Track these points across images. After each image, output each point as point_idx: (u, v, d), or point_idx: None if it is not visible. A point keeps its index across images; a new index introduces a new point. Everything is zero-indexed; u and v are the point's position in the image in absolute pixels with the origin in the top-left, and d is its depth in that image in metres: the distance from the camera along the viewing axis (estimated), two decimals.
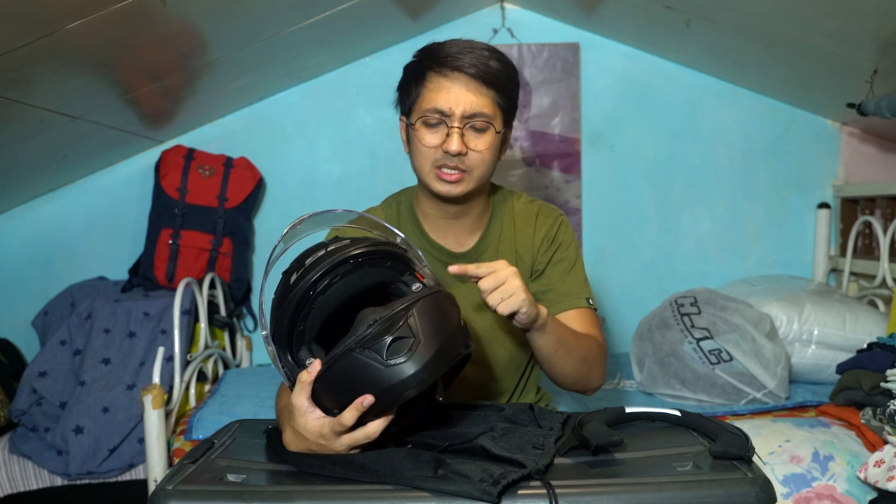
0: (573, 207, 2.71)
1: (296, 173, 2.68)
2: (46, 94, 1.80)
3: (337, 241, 1.02)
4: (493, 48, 1.25)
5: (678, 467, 0.91)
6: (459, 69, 1.21)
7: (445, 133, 1.23)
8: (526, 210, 1.39)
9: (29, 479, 2.07)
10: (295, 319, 0.97)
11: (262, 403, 1.96)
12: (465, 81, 1.22)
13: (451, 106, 1.21)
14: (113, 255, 2.61)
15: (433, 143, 1.23)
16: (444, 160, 1.23)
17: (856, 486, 1.56)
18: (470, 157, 1.24)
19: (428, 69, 1.24)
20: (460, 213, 1.33)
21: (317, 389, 0.95)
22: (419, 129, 1.24)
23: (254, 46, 2.12)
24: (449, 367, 0.95)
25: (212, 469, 0.95)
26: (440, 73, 1.23)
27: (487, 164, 1.26)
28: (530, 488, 0.87)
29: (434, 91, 1.23)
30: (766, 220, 2.75)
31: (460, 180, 1.24)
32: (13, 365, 2.42)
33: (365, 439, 0.95)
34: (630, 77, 2.70)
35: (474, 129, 1.23)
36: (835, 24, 1.91)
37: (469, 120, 1.22)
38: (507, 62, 1.26)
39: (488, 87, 1.23)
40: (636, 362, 2.15)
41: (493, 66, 1.23)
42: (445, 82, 1.22)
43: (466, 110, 1.22)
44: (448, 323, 0.97)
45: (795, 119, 2.72)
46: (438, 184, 1.25)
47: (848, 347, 2.09)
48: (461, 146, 1.22)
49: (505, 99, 1.26)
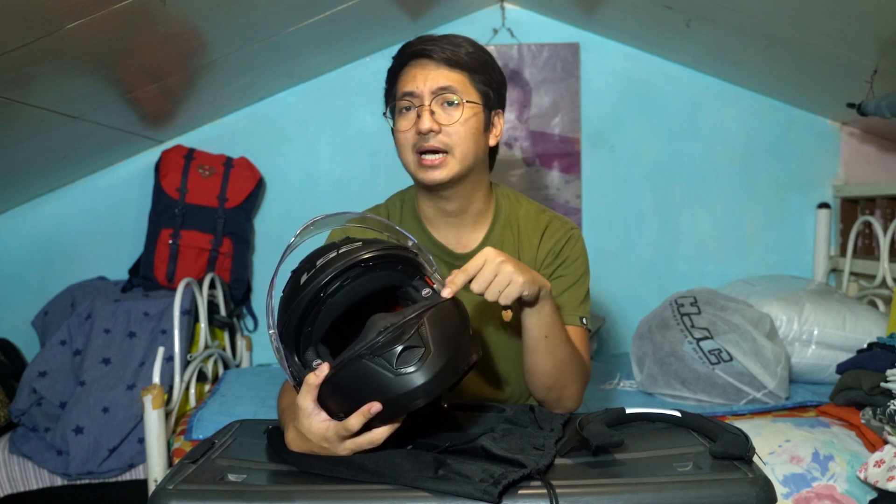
0: (573, 207, 2.71)
1: (296, 173, 2.68)
2: (46, 94, 1.80)
3: (349, 242, 1.01)
4: (469, 39, 1.27)
5: (678, 467, 0.91)
6: (426, 55, 1.23)
7: (417, 115, 1.22)
8: (535, 219, 1.36)
9: (29, 479, 2.07)
10: (303, 320, 0.97)
11: (262, 403, 1.96)
12: (432, 65, 1.23)
13: (417, 85, 1.22)
14: (113, 255, 2.60)
15: (406, 127, 1.23)
16: (421, 142, 1.21)
17: (856, 486, 1.56)
18: (445, 133, 1.21)
19: (401, 65, 1.26)
20: (458, 211, 1.31)
21: (323, 393, 0.95)
22: (396, 120, 1.25)
23: (254, 46, 2.12)
24: (458, 377, 0.96)
25: (212, 469, 0.95)
26: (409, 63, 1.25)
27: (467, 142, 1.23)
28: (531, 488, 0.87)
29: (404, 79, 1.24)
30: (766, 220, 2.75)
31: (443, 163, 1.22)
32: (13, 365, 2.42)
33: (369, 445, 0.95)
34: (630, 77, 2.70)
35: (446, 104, 1.22)
36: (835, 24, 1.91)
37: (438, 95, 1.21)
38: (480, 48, 1.27)
39: (455, 68, 1.23)
40: (636, 362, 2.15)
41: (463, 51, 1.24)
42: (413, 70, 1.24)
43: (433, 87, 1.21)
44: (458, 332, 0.97)
45: (795, 119, 2.72)
46: (423, 171, 1.23)
47: (848, 347, 2.09)
48: (432, 122, 1.20)
49: (480, 80, 1.25)
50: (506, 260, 1.08)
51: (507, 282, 1.07)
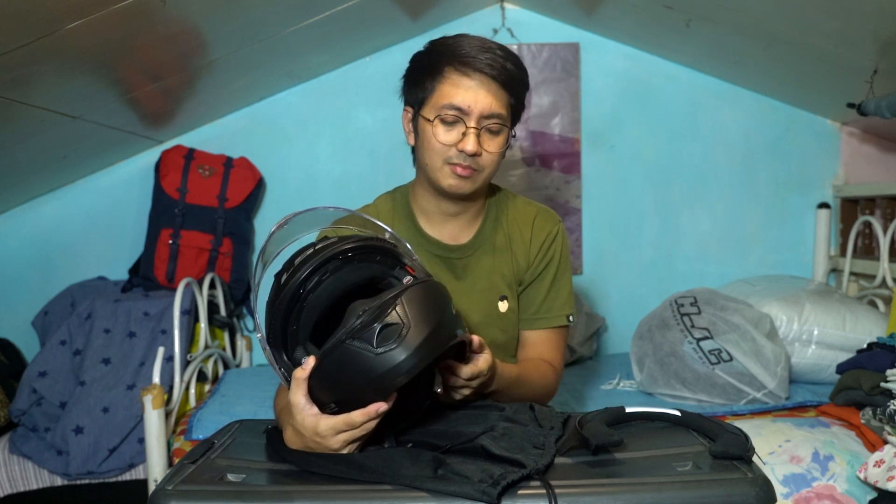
0: (573, 207, 2.71)
1: (296, 173, 2.68)
2: (46, 94, 1.80)
3: (326, 240, 1.03)
4: (506, 48, 1.27)
5: (678, 467, 0.91)
6: (479, 69, 1.22)
7: (461, 132, 1.23)
8: (524, 212, 1.40)
9: (29, 479, 2.07)
10: (287, 319, 0.98)
11: (262, 403, 1.96)
12: (484, 82, 1.23)
13: (469, 104, 1.22)
14: (113, 255, 2.60)
15: (449, 141, 1.24)
16: (459, 159, 1.24)
17: (856, 486, 1.56)
18: (483, 157, 1.25)
19: (446, 65, 1.24)
20: (460, 211, 1.35)
21: (312, 386, 0.95)
22: (436, 126, 1.25)
23: (254, 46, 2.12)
24: (441, 351, 0.95)
25: (212, 469, 0.95)
26: (459, 71, 1.23)
27: (496, 166, 1.29)
28: (530, 488, 0.87)
29: (453, 87, 1.23)
30: (766, 220, 2.75)
31: (470, 177, 1.26)
32: (13, 365, 2.42)
33: (346, 426, 0.93)
34: (630, 77, 2.70)
35: (489, 131, 1.25)
36: (835, 24, 1.91)
37: (486, 121, 1.24)
38: (520, 65, 1.28)
39: (504, 90, 1.25)
40: (636, 362, 2.15)
41: (510, 68, 1.25)
42: (465, 80, 1.23)
43: (485, 111, 1.23)
44: (438, 309, 0.97)
45: (795, 119, 2.72)
46: (451, 178, 1.26)
47: (848, 347, 2.09)
48: (477, 147, 1.23)
49: (516, 101, 1.28)
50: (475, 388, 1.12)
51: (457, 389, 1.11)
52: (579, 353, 2.51)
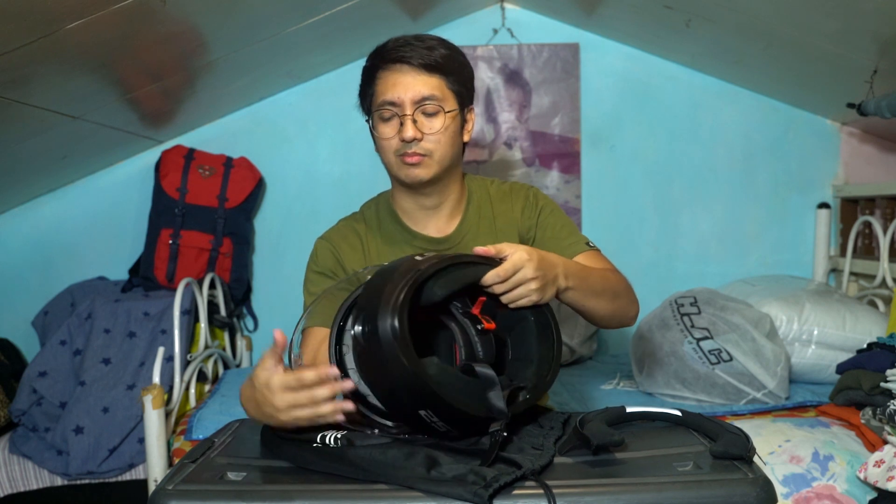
0: (573, 207, 2.71)
1: (296, 173, 2.68)
2: (46, 94, 1.80)
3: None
4: (432, 36, 1.31)
5: (679, 467, 0.91)
6: (401, 61, 1.28)
7: (399, 123, 1.28)
8: (500, 191, 1.44)
9: (29, 479, 2.07)
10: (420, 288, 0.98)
11: None
12: (409, 71, 1.28)
13: (399, 96, 1.27)
14: (113, 255, 2.60)
15: (390, 135, 1.29)
16: (405, 148, 1.28)
17: (856, 486, 1.56)
18: (426, 141, 1.28)
19: (377, 68, 1.31)
20: (436, 203, 1.37)
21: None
22: (377, 125, 1.31)
23: (254, 46, 2.12)
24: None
25: (212, 468, 0.95)
26: (386, 69, 1.30)
27: (446, 146, 1.30)
28: (526, 489, 0.87)
29: (384, 85, 1.29)
30: (766, 220, 2.75)
31: (423, 163, 1.28)
32: (13, 365, 2.42)
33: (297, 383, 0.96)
34: (630, 77, 2.70)
35: (425, 114, 1.28)
36: (835, 24, 1.91)
37: (419, 105, 1.27)
38: (452, 48, 1.32)
39: (434, 73, 1.28)
40: (636, 362, 2.15)
41: (437, 54, 1.28)
42: (392, 76, 1.29)
43: (415, 97, 1.27)
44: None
45: (795, 119, 2.72)
46: (404, 169, 1.29)
47: (848, 347, 2.09)
48: (415, 132, 1.26)
49: (455, 82, 1.31)
50: (534, 276, 1.07)
51: (522, 296, 1.08)
52: (579, 353, 2.51)
